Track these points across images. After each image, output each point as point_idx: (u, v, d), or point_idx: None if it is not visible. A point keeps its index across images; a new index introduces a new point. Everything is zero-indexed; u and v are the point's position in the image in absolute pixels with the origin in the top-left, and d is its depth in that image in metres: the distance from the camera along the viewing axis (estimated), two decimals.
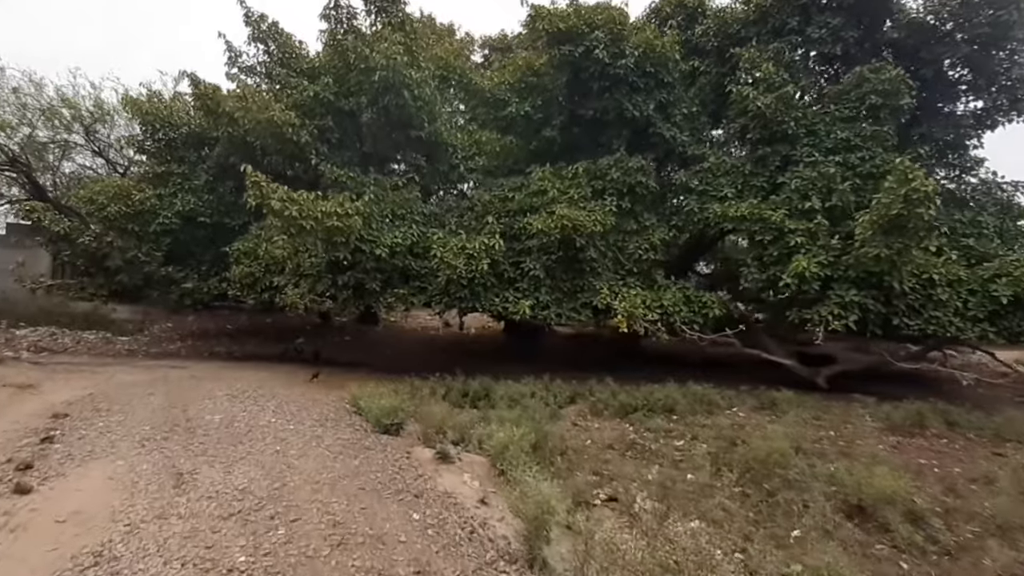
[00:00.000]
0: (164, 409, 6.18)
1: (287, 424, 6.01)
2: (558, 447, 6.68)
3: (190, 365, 11.24)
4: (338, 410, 6.77)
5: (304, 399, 7.20)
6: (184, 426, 5.68)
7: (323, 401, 7.34)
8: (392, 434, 5.83)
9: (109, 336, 15.86)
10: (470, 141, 13.88)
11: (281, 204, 8.54)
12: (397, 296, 10.51)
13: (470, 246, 10.14)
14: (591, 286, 10.96)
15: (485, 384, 9.53)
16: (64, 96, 22.18)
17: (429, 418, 6.38)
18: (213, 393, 7.11)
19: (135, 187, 12.60)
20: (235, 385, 7.90)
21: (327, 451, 5.35)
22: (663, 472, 6.31)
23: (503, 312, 10.47)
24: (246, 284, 11.20)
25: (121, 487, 4.40)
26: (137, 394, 6.87)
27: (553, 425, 7.76)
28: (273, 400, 6.85)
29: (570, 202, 10.69)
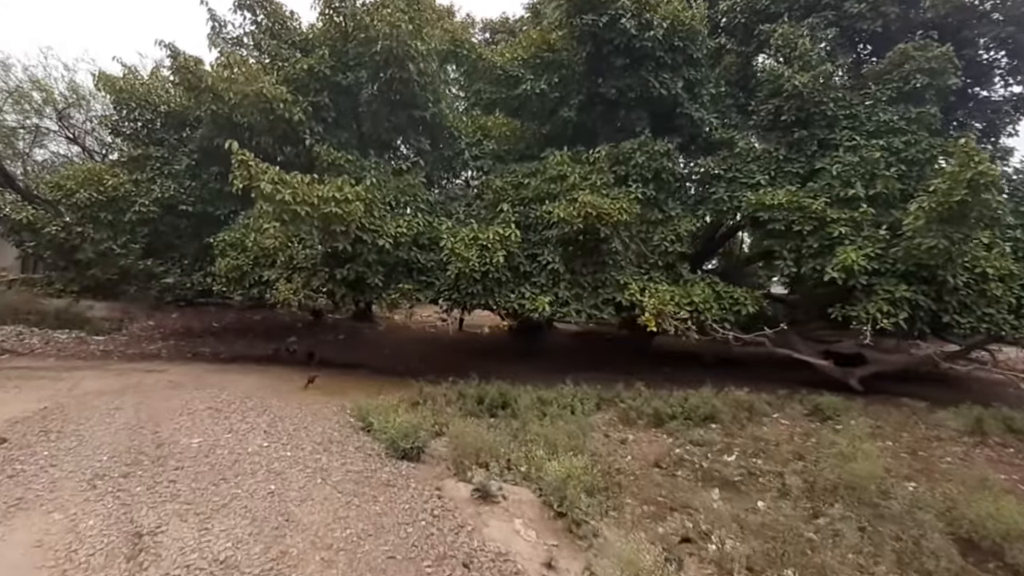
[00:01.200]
0: (130, 429, 5.12)
1: (283, 450, 4.94)
2: (600, 468, 5.72)
3: (170, 368, 10.11)
4: (342, 426, 5.72)
5: (301, 412, 6.16)
6: (152, 455, 4.56)
7: (323, 414, 6.29)
8: (412, 459, 4.79)
9: (83, 336, 14.61)
10: (475, 126, 12.86)
11: (272, 187, 7.47)
12: (401, 292, 9.47)
13: (483, 236, 9.12)
14: (613, 281, 10.00)
15: (502, 390, 8.54)
16: (34, 78, 20.77)
17: (456, 439, 5.31)
18: (193, 406, 6.04)
19: (108, 172, 11.40)
20: (220, 395, 6.84)
21: (337, 491, 4.21)
22: (727, 498, 5.39)
23: (518, 309, 9.48)
24: (232, 278, 10.09)
25: (51, 560, 3.17)
26: (101, 408, 5.78)
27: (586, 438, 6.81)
28: (265, 415, 5.80)
29: (592, 189, 9.70)
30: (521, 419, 7.43)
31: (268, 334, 17.45)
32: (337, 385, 9.53)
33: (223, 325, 18.29)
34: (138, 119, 12.15)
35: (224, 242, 10.39)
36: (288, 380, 9.74)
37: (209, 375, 9.41)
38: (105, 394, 6.75)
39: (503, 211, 9.59)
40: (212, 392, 7.13)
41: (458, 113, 12.90)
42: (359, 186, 8.66)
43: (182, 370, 10.02)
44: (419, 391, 8.81)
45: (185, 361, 11.73)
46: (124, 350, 13.08)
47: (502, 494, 4.00)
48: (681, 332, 9.39)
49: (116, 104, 12.26)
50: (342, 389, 9.22)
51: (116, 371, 9.44)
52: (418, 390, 8.88)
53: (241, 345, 14.96)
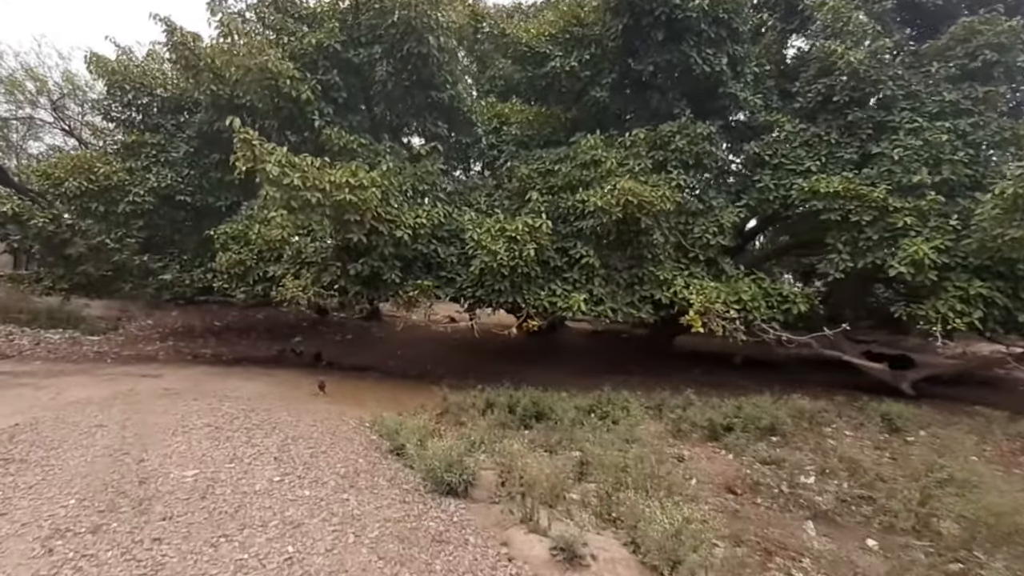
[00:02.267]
0: (112, 456, 4.21)
1: (299, 486, 3.95)
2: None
3: (167, 373, 9.25)
4: (366, 448, 4.80)
5: (316, 429, 5.26)
6: (135, 496, 3.58)
7: (342, 432, 5.39)
8: (459, 495, 3.89)
9: (77, 336, 13.80)
10: (491, 113, 11.99)
11: (279, 170, 6.58)
12: (420, 289, 8.58)
13: (511, 228, 8.24)
14: (651, 276, 9.10)
15: (535, 398, 7.65)
16: (27, 66, 19.90)
17: (505, 464, 4.30)
18: (189, 421, 5.17)
19: (100, 159, 10.52)
20: (220, 406, 5.97)
21: (376, 555, 3.14)
22: (827, 535, 4.51)
23: (549, 308, 8.59)
24: (235, 275, 9.22)
25: None
26: (81, 426, 4.91)
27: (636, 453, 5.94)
28: (274, 434, 4.90)
29: (630, 175, 8.80)
30: (563, 432, 6.55)
31: (272, 333, 16.60)
32: (350, 392, 8.66)
33: (225, 324, 17.44)
34: (132, 103, 11.27)
35: (225, 235, 9.52)
36: (296, 386, 8.87)
37: (209, 380, 8.54)
38: (90, 405, 5.89)
39: (532, 200, 8.70)
40: (212, 403, 6.26)
41: (476, 97, 12.00)
42: (374, 172, 7.77)
43: (180, 375, 9.16)
44: (442, 399, 7.93)
45: (184, 364, 10.88)
46: (119, 351, 12.24)
47: (589, 553, 3.09)
48: (729, 333, 8.49)
49: (109, 88, 11.38)
50: (356, 396, 8.35)
51: (107, 376, 8.58)
52: (441, 398, 8.00)
53: (244, 346, 14.11)
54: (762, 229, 14.02)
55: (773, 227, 12.79)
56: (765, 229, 14.06)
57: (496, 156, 11.83)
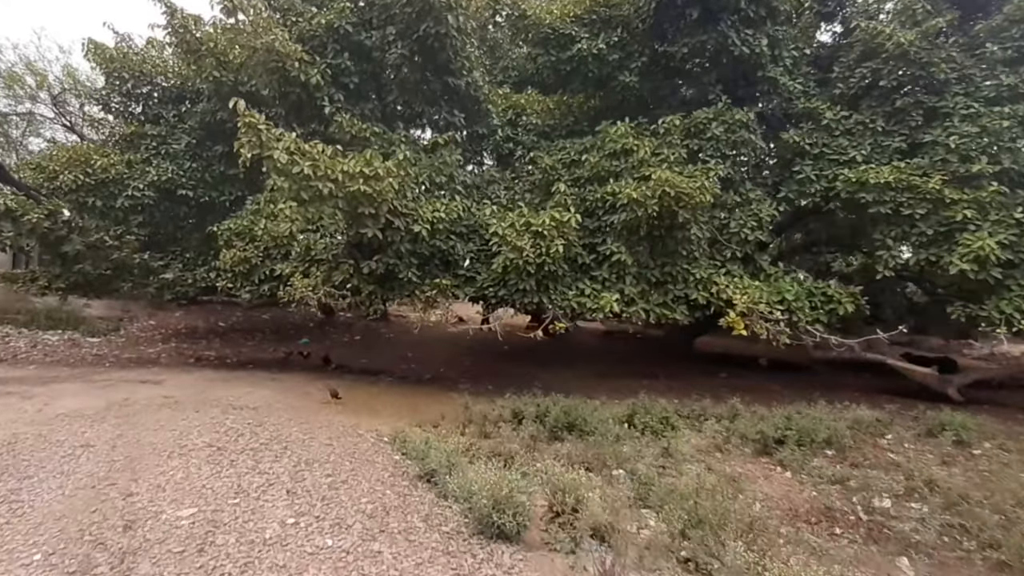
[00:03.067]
0: (95, 488, 3.58)
1: (319, 532, 3.24)
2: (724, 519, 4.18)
3: (167, 378, 8.67)
4: (393, 475, 4.09)
5: (332, 451, 4.61)
6: (116, 548, 2.88)
7: (362, 452, 4.73)
8: (511, 540, 3.24)
9: (76, 337, 13.25)
10: (506, 104, 11.36)
11: (288, 157, 5.97)
12: (438, 288, 7.96)
13: (536, 222, 7.61)
14: (686, 275, 8.46)
15: (566, 407, 7.01)
16: (26, 59, 19.38)
17: (558, 495, 3.62)
18: (188, 440, 4.56)
19: (97, 151, 9.95)
20: (224, 420, 5.36)
21: None
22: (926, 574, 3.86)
23: (577, 308, 7.96)
24: (240, 273, 8.63)
25: None
26: (66, 445, 4.30)
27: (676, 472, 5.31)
28: (285, 456, 4.24)
29: (663, 165, 8.15)
30: (600, 446, 5.92)
31: (278, 335, 16.02)
32: (363, 399, 8.05)
33: (229, 325, 16.88)
34: (132, 93, 10.70)
35: (230, 231, 8.92)
36: (304, 393, 8.27)
37: (212, 387, 7.96)
38: (79, 419, 5.30)
39: (559, 192, 8.05)
40: (214, 415, 5.66)
41: (493, 86, 11.36)
42: (389, 161, 7.15)
43: (181, 380, 8.58)
44: (464, 408, 7.30)
45: (186, 367, 10.30)
46: (119, 354, 11.67)
47: None
48: (773, 336, 7.84)
49: (108, 77, 10.82)
50: (370, 405, 7.74)
51: (103, 383, 8.00)
52: (462, 407, 7.38)
53: (249, 348, 13.54)
54: (791, 224, 13.32)
55: (805, 222, 12.08)
56: (795, 224, 13.35)
57: (512, 149, 11.22)
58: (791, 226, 13.68)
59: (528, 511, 3.24)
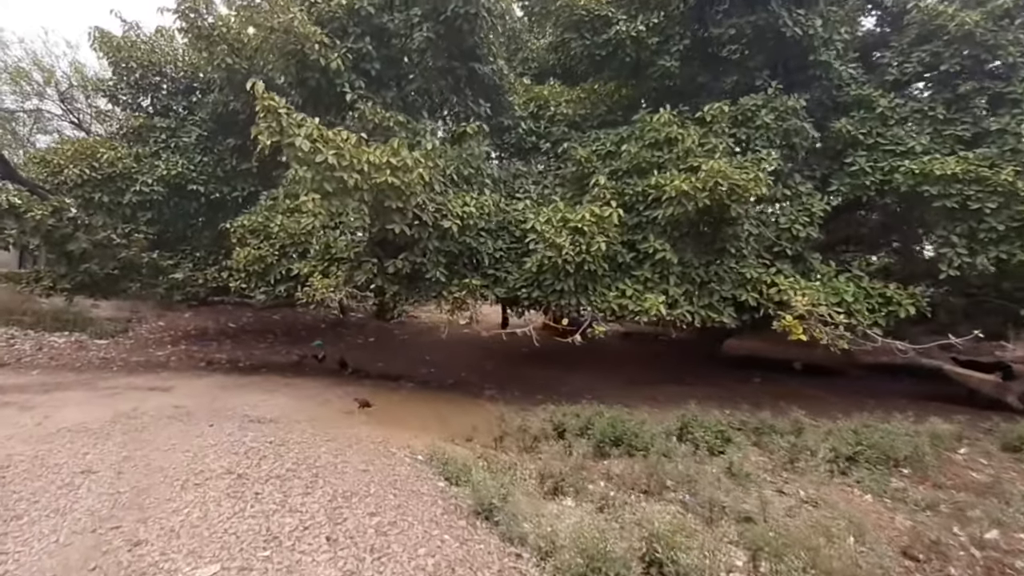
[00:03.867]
0: (96, 532, 2.97)
1: None
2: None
3: (178, 384, 8.14)
4: (445, 511, 3.28)
5: (370, 478, 3.89)
6: None
7: (403, 479, 4.04)
8: None
9: (83, 339, 12.80)
10: (527, 97, 10.79)
11: (311, 145, 5.40)
12: (467, 289, 7.38)
13: (574, 218, 7.01)
14: (734, 274, 7.82)
15: (612, 420, 6.40)
16: (33, 55, 18.99)
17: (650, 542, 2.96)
18: (204, 464, 3.98)
19: (104, 145, 9.44)
20: (243, 438, 4.79)
21: None
22: None
23: (618, 311, 7.34)
24: (254, 273, 8.08)
25: None
26: (64, 471, 3.73)
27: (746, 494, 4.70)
28: (318, 486, 3.53)
29: (710, 156, 7.52)
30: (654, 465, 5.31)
31: (290, 336, 15.52)
32: (387, 408, 7.48)
33: (240, 326, 16.38)
34: (140, 84, 10.18)
35: (243, 228, 8.38)
36: (324, 401, 7.72)
37: (226, 395, 7.42)
38: (83, 435, 4.76)
39: (598, 184, 7.44)
40: (231, 430, 5.10)
41: (516, 77, 10.79)
42: (417, 151, 6.56)
43: (192, 387, 8.05)
44: (498, 420, 6.72)
45: (197, 372, 9.78)
46: (127, 357, 11.19)
47: None
48: (831, 341, 7.19)
49: (115, 67, 10.31)
50: (395, 415, 7.17)
51: (110, 390, 7.48)
52: (496, 417, 6.80)
53: (261, 350, 13.03)
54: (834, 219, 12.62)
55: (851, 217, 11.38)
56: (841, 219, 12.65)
57: (535, 142, 10.63)
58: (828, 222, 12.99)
59: (629, 568, 2.63)
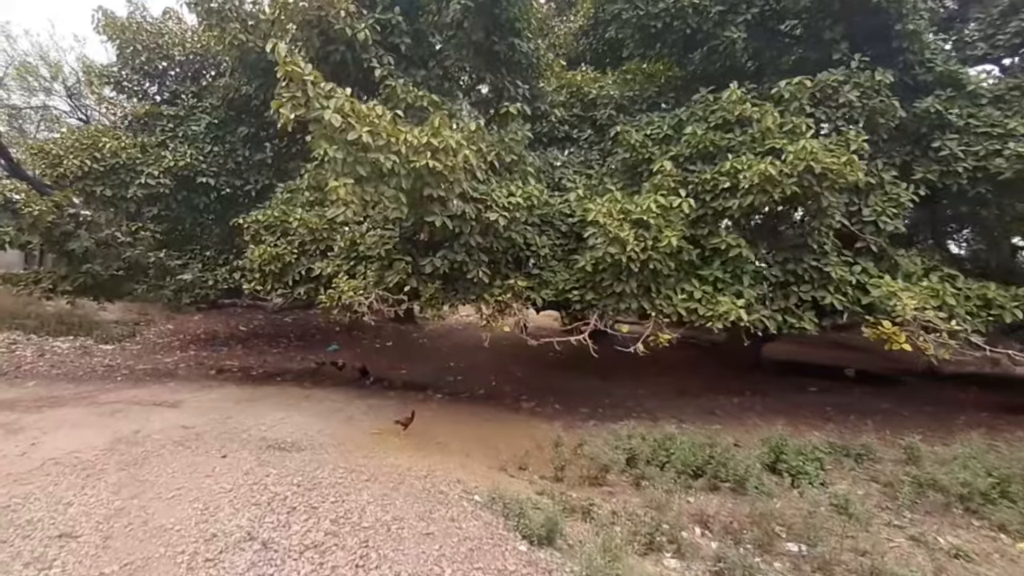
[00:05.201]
0: None
1: None
2: None
3: (186, 398, 7.31)
4: None
5: (439, 547, 3.04)
6: None
7: (482, 548, 3.11)
8: None
9: (88, 344, 12.07)
10: (559, 83, 9.93)
11: (343, 119, 4.50)
12: (512, 291, 6.46)
13: (636, 209, 6.09)
14: (814, 273, 6.84)
15: (692, 446, 5.45)
16: (41, 49, 18.35)
17: None
18: (218, 522, 3.07)
19: (107, 134, 8.64)
20: (264, 477, 3.90)
21: None
22: None
23: (685, 316, 6.38)
24: (270, 273, 7.22)
25: None
26: (40, 531, 2.84)
27: None
28: (371, 563, 2.70)
29: (793, 137, 6.54)
30: (751, 502, 4.36)
31: (303, 340, 14.69)
32: (421, 427, 6.55)
33: (251, 329, 15.56)
34: (146, 69, 9.37)
35: (258, 223, 7.52)
36: (349, 418, 6.84)
37: (239, 411, 6.56)
38: (71, 471, 3.91)
39: (662, 171, 6.48)
40: (249, 466, 4.22)
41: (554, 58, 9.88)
42: (458, 133, 5.65)
43: (202, 401, 7.21)
44: (554, 443, 5.79)
45: (206, 381, 8.95)
46: (133, 365, 10.39)
47: None
48: (937, 348, 6.19)
49: (120, 51, 9.51)
50: (433, 435, 6.26)
51: (111, 405, 6.64)
52: (550, 440, 5.88)
53: (274, 356, 12.19)
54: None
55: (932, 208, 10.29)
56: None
57: (568, 131, 9.75)
58: None
59: None
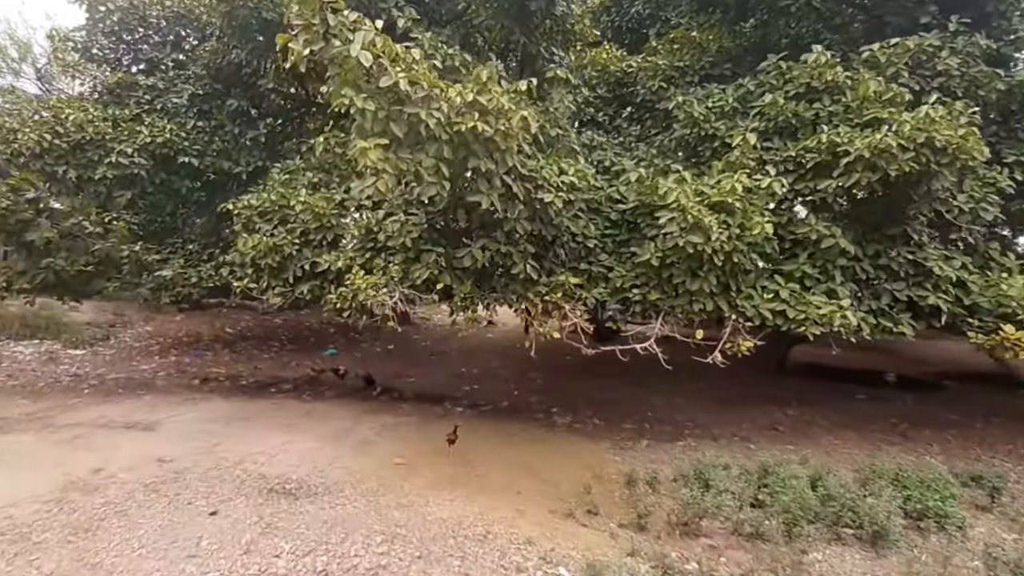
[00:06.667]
0: None
1: None
2: None
3: (164, 417, 6.11)
4: None
5: None
6: None
7: None
8: None
9: (55, 349, 10.75)
10: (578, 64, 9.01)
11: (372, 60, 3.35)
12: (562, 289, 5.36)
13: (716, 191, 5.04)
14: (911, 269, 5.84)
15: (795, 482, 4.39)
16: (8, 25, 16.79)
17: None
18: None
19: (70, 104, 7.35)
20: (268, 550, 2.76)
21: None
22: None
23: (771, 319, 5.31)
24: (266, 268, 6.01)
25: None
26: None
27: None
28: None
29: (893, 108, 5.53)
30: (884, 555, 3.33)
31: (296, 343, 13.38)
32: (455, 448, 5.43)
33: (239, 331, 14.20)
34: (118, 32, 8.09)
35: (251, 209, 6.31)
36: (364, 442, 5.70)
37: (229, 435, 5.39)
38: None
39: (742, 145, 5.41)
40: (248, 525, 3.07)
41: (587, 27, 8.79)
42: (504, 93, 4.51)
43: (184, 421, 6.01)
44: (626, 479, 4.69)
45: (189, 394, 7.71)
46: (105, 373, 9.10)
47: None
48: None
49: (89, 12, 8.21)
50: (470, 462, 5.14)
51: (71, 430, 5.43)
52: (610, 468, 4.80)
53: (266, 362, 10.93)
54: None
55: None
56: None
57: (593, 115, 8.77)
58: None
59: None
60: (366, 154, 3.33)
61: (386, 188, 3.53)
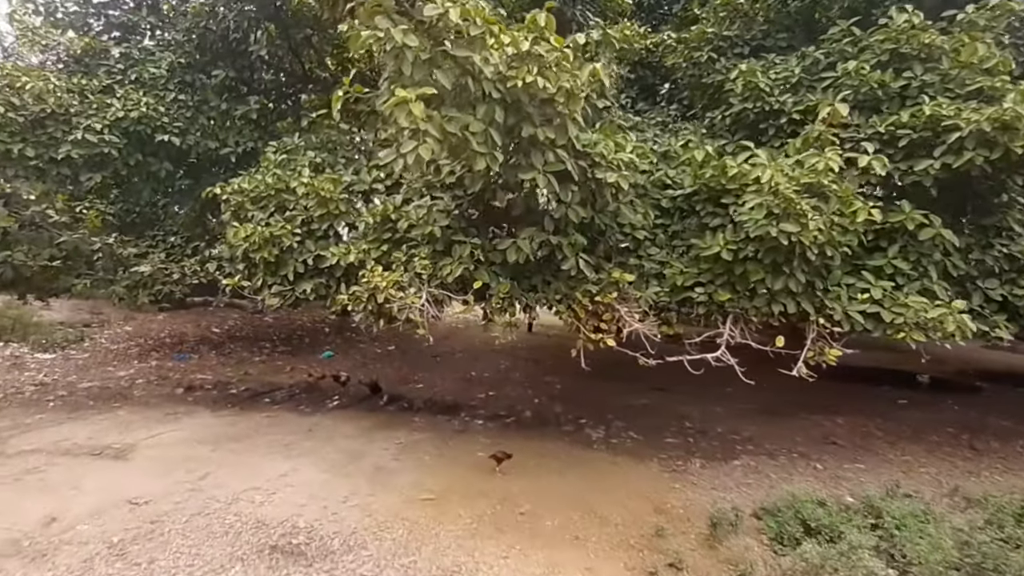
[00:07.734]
0: None
1: None
2: None
3: (141, 438, 5.17)
4: None
5: None
6: None
7: None
8: None
9: (22, 353, 9.74)
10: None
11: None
12: (616, 288, 4.51)
13: (799, 172, 4.22)
14: (1007, 264, 5.09)
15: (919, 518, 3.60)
16: None
17: None
18: None
19: (29, 73, 6.31)
20: None
21: None
22: None
23: (862, 323, 4.51)
24: (261, 263, 5.07)
25: None
26: None
27: None
28: None
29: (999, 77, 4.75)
30: None
31: (288, 344, 12.37)
32: (490, 476, 4.57)
33: (226, 331, 13.15)
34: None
35: (242, 194, 5.35)
36: (379, 469, 4.82)
37: (220, 462, 4.49)
38: None
39: (829, 118, 4.58)
40: None
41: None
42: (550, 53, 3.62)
43: (164, 444, 5.08)
44: (704, 519, 3.87)
45: (172, 406, 6.74)
46: (75, 381, 8.09)
47: None
48: None
49: None
50: (509, 492, 4.29)
51: (25, 458, 4.48)
52: (674, 500, 3.99)
53: (258, 366, 9.93)
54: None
55: None
56: None
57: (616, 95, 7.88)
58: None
59: None
60: (406, 108, 2.43)
61: (429, 155, 2.63)
